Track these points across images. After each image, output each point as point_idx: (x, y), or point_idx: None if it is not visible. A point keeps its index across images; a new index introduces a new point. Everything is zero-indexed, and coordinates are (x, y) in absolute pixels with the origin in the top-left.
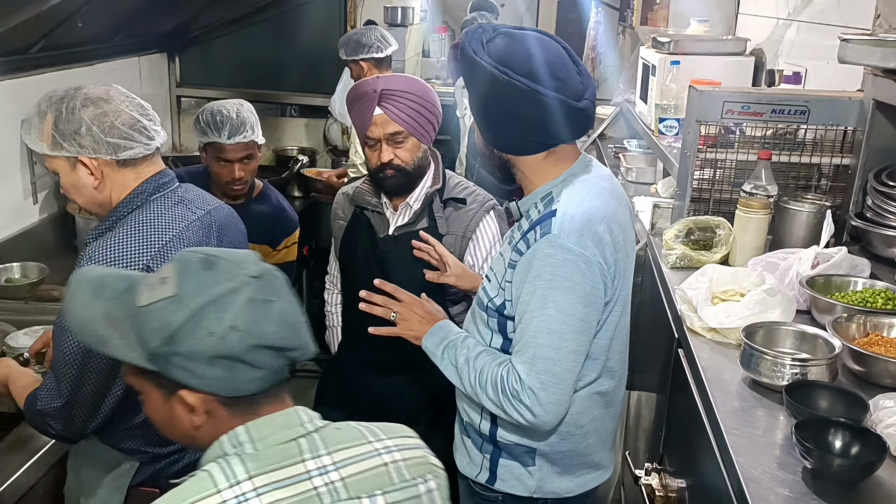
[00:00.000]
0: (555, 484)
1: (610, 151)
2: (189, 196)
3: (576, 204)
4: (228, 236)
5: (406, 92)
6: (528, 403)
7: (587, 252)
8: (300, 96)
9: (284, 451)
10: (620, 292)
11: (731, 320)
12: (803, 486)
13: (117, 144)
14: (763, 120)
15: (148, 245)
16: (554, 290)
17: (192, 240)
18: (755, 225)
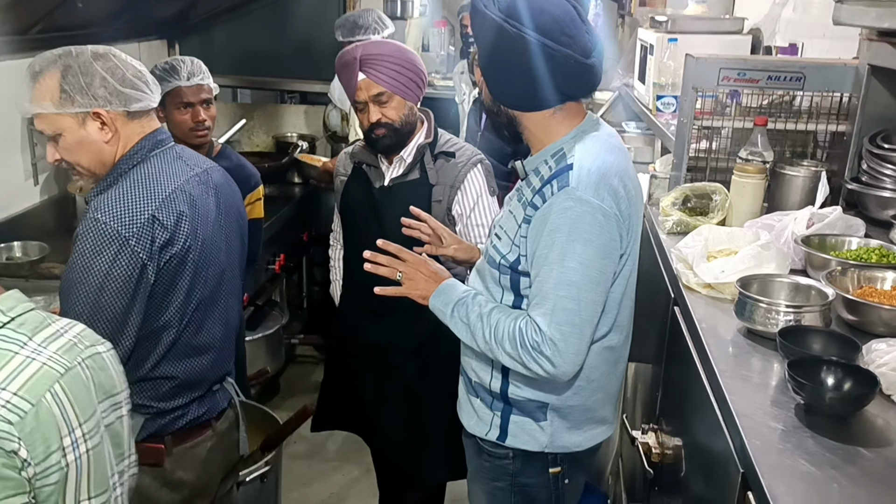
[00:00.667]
0: (565, 438)
1: None
2: (186, 154)
3: (591, 158)
4: (224, 196)
5: (384, 55)
6: (549, 354)
7: (605, 204)
8: (299, 83)
9: (36, 317)
10: (632, 246)
11: (727, 275)
12: (796, 420)
13: (130, 95)
14: (759, 87)
15: (153, 196)
16: (573, 243)
17: (193, 192)
18: (751, 190)
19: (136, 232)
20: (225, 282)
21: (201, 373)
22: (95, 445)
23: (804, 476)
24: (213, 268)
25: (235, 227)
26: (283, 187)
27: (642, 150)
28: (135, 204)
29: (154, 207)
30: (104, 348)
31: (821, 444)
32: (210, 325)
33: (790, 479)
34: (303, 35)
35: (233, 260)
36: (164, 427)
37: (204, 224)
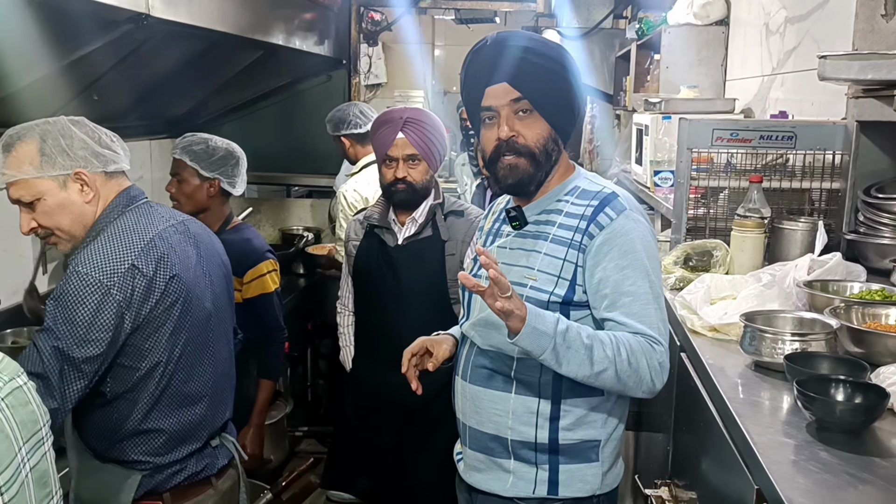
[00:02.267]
0: (609, 476)
1: None
2: (161, 209)
3: (613, 186)
4: (204, 245)
5: (425, 123)
6: (666, 363)
7: (648, 224)
8: (305, 177)
9: None
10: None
11: (730, 316)
12: (808, 436)
13: (107, 156)
14: (752, 146)
15: (132, 244)
16: (650, 259)
17: (171, 240)
18: (751, 243)
19: (118, 281)
20: (213, 327)
21: (195, 423)
22: (11, 498)
23: (820, 482)
24: (199, 312)
25: (220, 274)
26: (288, 278)
27: None
28: (115, 254)
29: (134, 256)
30: (23, 380)
31: (835, 455)
32: (200, 373)
33: (806, 486)
34: (308, 131)
35: (220, 306)
36: (161, 483)
37: (185, 270)
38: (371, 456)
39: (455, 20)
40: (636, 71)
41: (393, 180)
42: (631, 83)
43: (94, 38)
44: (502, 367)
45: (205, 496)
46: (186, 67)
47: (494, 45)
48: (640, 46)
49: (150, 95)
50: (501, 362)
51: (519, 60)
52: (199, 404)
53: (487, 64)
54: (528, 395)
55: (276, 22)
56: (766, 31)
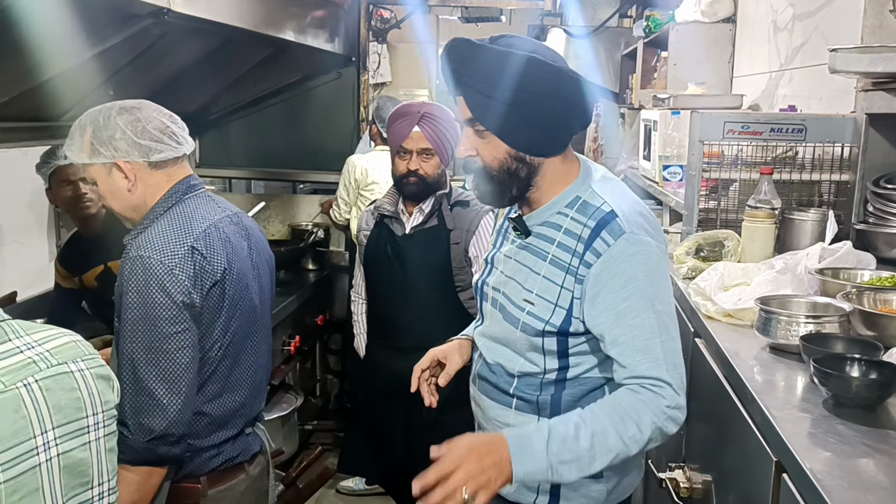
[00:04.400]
0: (616, 493)
1: None
2: (217, 198)
3: (620, 198)
4: (255, 238)
5: (441, 119)
6: (680, 403)
7: (656, 239)
8: (313, 174)
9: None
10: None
11: (745, 301)
12: (825, 411)
13: (149, 147)
14: (763, 139)
15: (190, 230)
16: (654, 286)
17: (226, 231)
18: (762, 233)
19: (179, 262)
20: (257, 319)
21: (235, 410)
22: (10, 479)
23: (839, 452)
24: (247, 303)
25: (267, 270)
26: (298, 273)
27: None
28: (174, 238)
29: (193, 239)
30: (78, 367)
31: (851, 428)
32: (244, 362)
33: (825, 456)
34: (317, 128)
35: (265, 300)
36: (200, 466)
37: (238, 260)
38: (383, 440)
39: (461, 19)
40: (643, 68)
41: (405, 172)
42: (637, 81)
43: (115, 32)
44: (503, 382)
45: (238, 481)
46: (200, 64)
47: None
48: (647, 44)
49: (164, 92)
50: (502, 378)
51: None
52: (240, 392)
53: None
54: (527, 412)
55: (289, 18)
56: (773, 28)
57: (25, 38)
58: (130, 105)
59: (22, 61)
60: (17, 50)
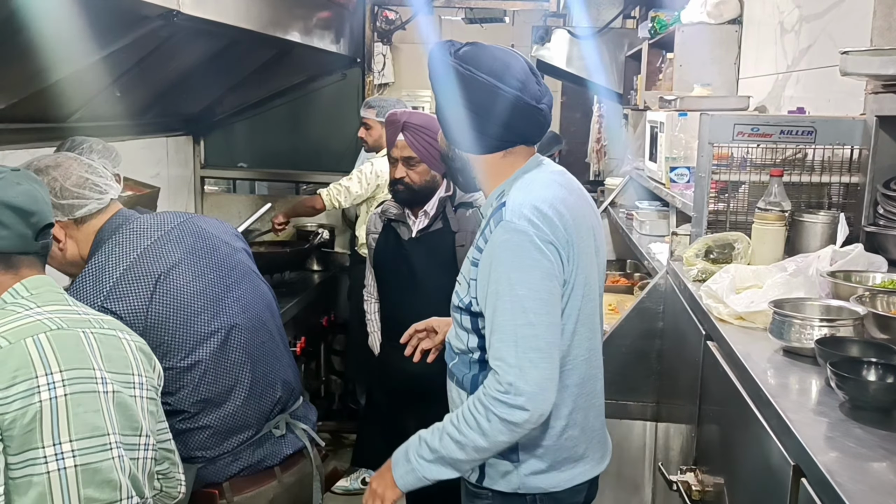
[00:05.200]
0: (539, 479)
1: (622, 215)
2: (160, 216)
3: (523, 193)
4: (218, 236)
5: (425, 127)
6: (509, 385)
7: (539, 231)
8: (318, 175)
9: (55, 295)
10: (578, 276)
11: (757, 304)
12: (841, 415)
13: (71, 205)
14: (772, 141)
15: (125, 254)
16: (518, 271)
17: (176, 240)
18: (772, 236)
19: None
20: (240, 319)
21: (239, 414)
22: (76, 392)
23: (858, 456)
24: (213, 312)
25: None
26: (303, 274)
27: (657, 223)
28: (109, 264)
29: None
30: (126, 336)
31: (869, 432)
32: (237, 365)
33: (844, 460)
34: (322, 130)
35: (240, 296)
36: (218, 473)
37: (200, 259)
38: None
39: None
40: (648, 69)
41: (394, 180)
42: (642, 82)
43: (123, 34)
44: (450, 359)
45: (267, 488)
46: (205, 65)
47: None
48: (652, 45)
49: (169, 93)
50: (450, 355)
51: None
52: (240, 395)
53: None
54: (460, 388)
55: (294, 20)
56: (780, 30)
57: (34, 41)
58: (45, 164)
59: (30, 64)
60: (26, 52)
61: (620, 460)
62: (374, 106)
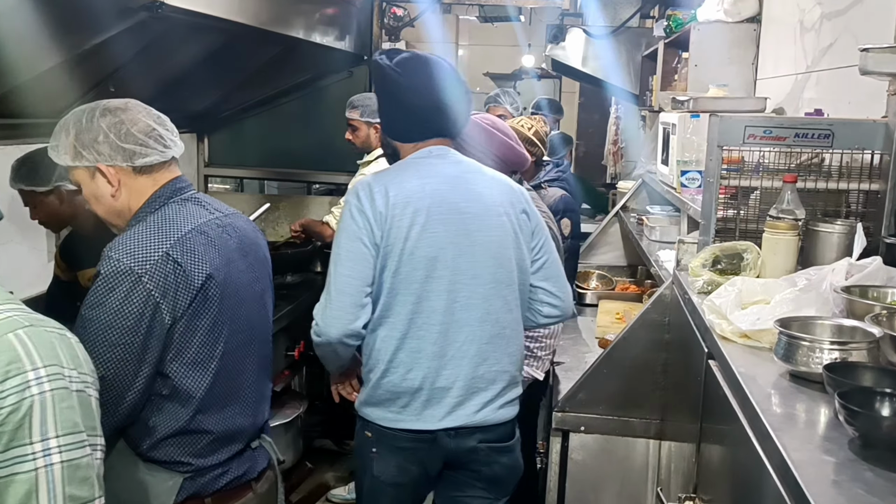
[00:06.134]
0: (368, 410)
1: (633, 220)
2: (206, 199)
3: (378, 173)
4: (248, 241)
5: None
6: (318, 316)
7: (357, 202)
8: (325, 174)
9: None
10: (398, 245)
11: (763, 321)
12: (850, 454)
13: (133, 151)
14: (787, 145)
15: (167, 235)
16: (337, 231)
17: (211, 235)
18: (784, 246)
19: (150, 269)
20: (255, 326)
21: (239, 424)
22: (57, 388)
23: None
24: (241, 310)
25: (264, 273)
26: (306, 275)
27: (668, 228)
28: (148, 242)
29: (169, 245)
30: (70, 335)
31: (881, 475)
32: (244, 373)
33: None
34: (329, 128)
35: (263, 305)
36: (204, 487)
37: (225, 265)
38: None
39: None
40: (663, 70)
41: None
42: (658, 82)
43: (108, 26)
44: None
45: (246, 500)
46: (207, 61)
47: None
48: (667, 44)
49: (171, 89)
50: None
51: None
52: (242, 405)
53: None
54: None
55: (297, 16)
56: (800, 28)
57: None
58: (115, 105)
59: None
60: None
61: (622, 480)
62: (359, 105)
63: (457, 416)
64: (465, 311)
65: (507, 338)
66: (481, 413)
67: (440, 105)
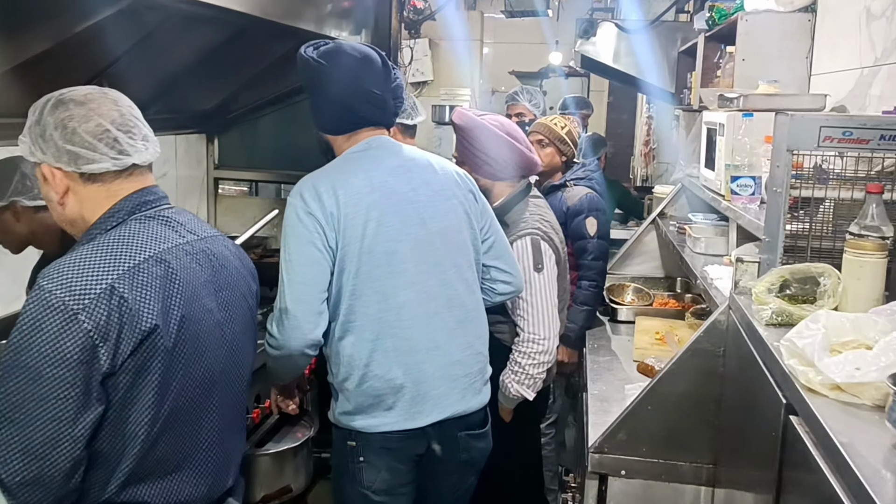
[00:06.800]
0: (349, 419)
1: (672, 228)
2: (180, 219)
3: (319, 172)
4: (227, 273)
5: (466, 130)
6: (277, 320)
7: (303, 204)
8: None
9: None
10: (352, 246)
11: (864, 372)
12: None
13: (77, 154)
14: (869, 148)
15: (116, 263)
16: (284, 238)
17: (173, 265)
18: (870, 270)
19: (88, 305)
20: (221, 377)
21: (187, 496)
22: None
23: None
24: (200, 360)
25: (242, 308)
26: None
27: (714, 241)
28: (90, 271)
29: (115, 276)
30: None
31: None
32: (201, 432)
33: None
34: None
35: (235, 351)
36: None
37: (186, 304)
38: None
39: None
40: (704, 65)
41: None
42: (697, 79)
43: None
44: None
45: None
46: (214, 56)
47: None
48: (709, 38)
49: (175, 86)
50: None
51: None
52: (194, 470)
53: None
54: None
55: (311, 8)
56: (866, 16)
57: None
58: (73, 97)
59: None
60: None
61: None
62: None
63: (443, 409)
64: (431, 300)
65: (474, 320)
66: (463, 400)
67: (368, 94)
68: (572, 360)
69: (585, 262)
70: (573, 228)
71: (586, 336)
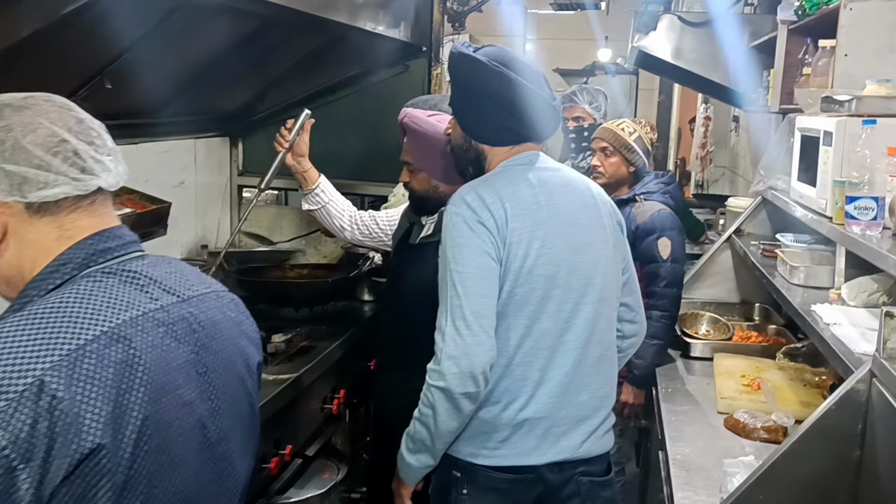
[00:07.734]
0: (459, 444)
1: (755, 249)
2: (154, 273)
3: (480, 182)
4: (220, 341)
5: (421, 133)
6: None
7: (471, 213)
8: (377, 186)
9: None
10: (514, 263)
11: None
12: None
13: (22, 177)
14: None
15: (48, 346)
16: (452, 249)
17: (140, 344)
18: None
19: (4, 409)
20: (201, 494)
21: None
22: None
23: None
24: (173, 473)
25: (233, 396)
26: (350, 304)
27: (815, 270)
28: (11, 359)
29: (47, 365)
30: None
31: None
32: None
33: None
34: (381, 131)
35: (223, 456)
36: None
37: (152, 398)
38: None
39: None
40: (786, 61)
41: (403, 182)
42: (776, 77)
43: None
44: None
45: None
46: (237, 53)
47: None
48: (792, 31)
49: (194, 86)
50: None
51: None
52: None
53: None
54: None
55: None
56: None
57: None
58: (5, 102)
59: None
60: None
61: None
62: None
63: (562, 449)
64: (572, 332)
65: (608, 360)
66: (586, 444)
67: (548, 107)
68: (638, 401)
69: (657, 290)
70: (643, 250)
71: (656, 374)
